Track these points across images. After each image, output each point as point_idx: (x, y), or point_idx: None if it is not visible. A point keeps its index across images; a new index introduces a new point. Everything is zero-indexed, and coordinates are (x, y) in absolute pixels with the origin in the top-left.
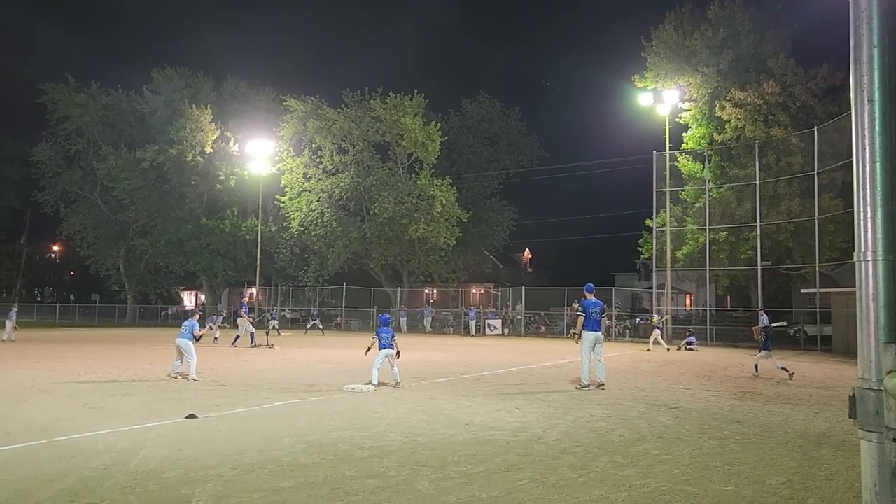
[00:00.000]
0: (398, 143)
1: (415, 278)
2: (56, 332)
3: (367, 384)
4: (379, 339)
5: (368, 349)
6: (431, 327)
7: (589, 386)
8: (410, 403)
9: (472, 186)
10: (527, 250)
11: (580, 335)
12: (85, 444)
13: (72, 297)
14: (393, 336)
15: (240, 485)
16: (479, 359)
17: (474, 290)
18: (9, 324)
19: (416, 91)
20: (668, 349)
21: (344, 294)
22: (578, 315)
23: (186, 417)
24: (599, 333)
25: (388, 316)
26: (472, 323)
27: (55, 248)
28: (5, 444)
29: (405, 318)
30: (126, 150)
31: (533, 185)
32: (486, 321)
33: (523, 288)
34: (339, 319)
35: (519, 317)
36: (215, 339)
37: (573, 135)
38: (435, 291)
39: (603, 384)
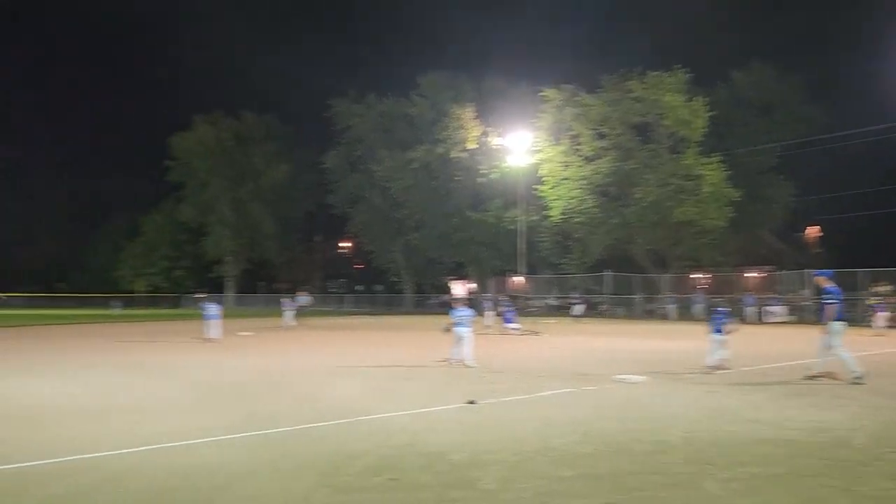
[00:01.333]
0: (660, 123)
1: (682, 263)
2: (347, 320)
3: (639, 375)
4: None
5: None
6: (703, 314)
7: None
8: (688, 396)
9: (744, 162)
10: (814, 228)
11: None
12: (382, 424)
13: (360, 287)
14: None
15: (522, 471)
16: (760, 349)
17: (750, 274)
18: (289, 313)
19: (677, 66)
20: None
21: (608, 281)
22: (831, 303)
23: (467, 403)
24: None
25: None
26: (750, 310)
27: (344, 244)
28: (318, 420)
29: (673, 306)
30: (399, 152)
31: (819, 156)
32: (766, 308)
33: (805, 271)
34: (603, 307)
35: (806, 303)
36: (487, 326)
37: (867, 95)
38: (705, 276)
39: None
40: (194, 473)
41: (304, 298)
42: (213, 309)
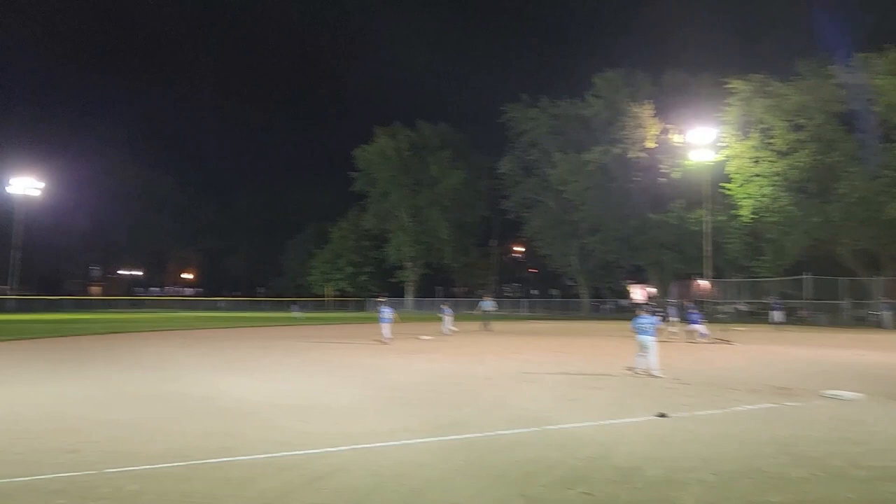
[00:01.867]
0: (869, 110)
1: None
2: (525, 325)
3: (853, 392)
4: None
5: None
6: None
7: None
8: None
9: None
10: None
11: None
12: (570, 434)
13: (535, 292)
14: None
15: (724, 492)
16: None
17: None
18: (448, 319)
19: (888, 46)
20: None
21: (807, 285)
22: None
23: (657, 415)
24: None
25: None
26: None
27: (518, 248)
28: (507, 427)
29: (889, 312)
30: (574, 154)
31: None
32: None
33: None
34: (803, 313)
35: None
36: (673, 333)
37: None
38: None
39: None
40: (390, 476)
41: (488, 303)
42: (386, 312)
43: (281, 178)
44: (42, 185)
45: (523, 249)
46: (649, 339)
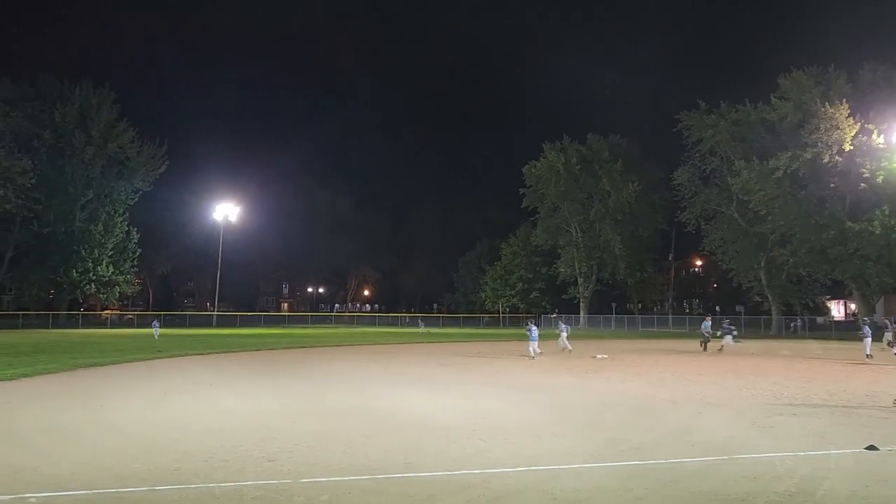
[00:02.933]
0: None
1: None
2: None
3: None
4: None
5: None
6: None
7: None
8: None
9: None
10: None
11: None
12: (763, 466)
13: (718, 308)
14: None
15: None
16: None
17: None
18: (563, 335)
19: None
20: None
21: None
22: None
23: (866, 448)
24: None
25: None
26: None
27: (698, 262)
28: (690, 455)
29: None
30: (758, 161)
31: None
32: None
33: None
34: None
35: None
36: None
37: None
38: None
39: None
40: (568, 501)
41: (707, 324)
42: (535, 331)
43: (453, 196)
44: (238, 209)
45: (703, 264)
46: None
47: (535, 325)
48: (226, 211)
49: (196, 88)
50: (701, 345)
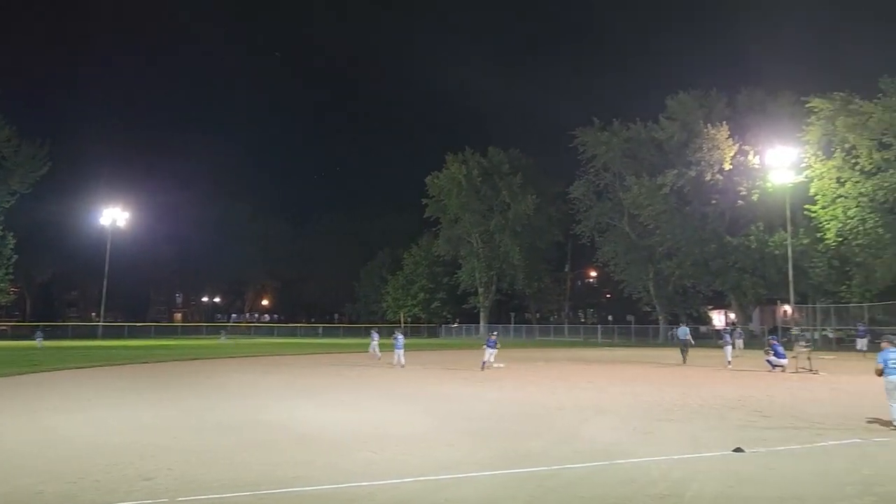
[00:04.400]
0: None
1: None
2: (599, 352)
3: None
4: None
5: None
6: None
7: None
8: None
9: None
10: None
11: None
12: (641, 469)
13: (610, 318)
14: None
15: None
16: None
17: None
18: (374, 343)
19: None
20: None
21: None
22: None
23: (733, 450)
24: None
25: None
26: None
27: (592, 273)
28: (575, 461)
29: None
30: (647, 178)
31: None
32: None
33: None
34: (885, 341)
35: None
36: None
37: None
38: None
39: None
40: None
41: (683, 330)
42: (401, 340)
43: (355, 205)
44: (127, 215)
45: (597, 274)
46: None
47: (401, 334)
48: (114, 216)
49: (85, 89)
50: (682, 355)
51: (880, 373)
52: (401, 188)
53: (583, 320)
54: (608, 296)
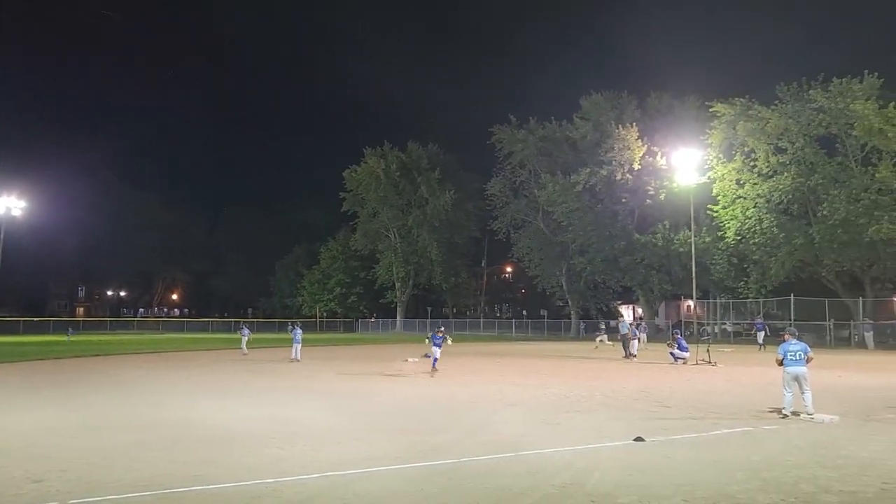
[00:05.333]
0: (847, 134)
1: (881, 286)
2: (513, 346)
3: (830, 414)
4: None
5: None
6: None
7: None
8: (887, 441)
9: None
10: None
11: None
12: (546, 460)
13: (524, 312)
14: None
15: None
16: None
17: None
18: (244, 338)
19: (866, 72)
20: None
21: (792, 306)
22: None
23: (634, 440)
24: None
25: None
26: None
27: (508, 269)
28: (483, 454)
29: (871, 333)
30: (562, 175)
31: None
32: None
33: None
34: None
35: None
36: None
37: None
38: None
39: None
40: None
41: (625, 325)
42: (299, 334)
43: (272, 199)
44: (24, 204)
45: (512, 270)
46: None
47: (299, 328)
48: (8, 204)
49: None
50: (624, 349)
51: (780, 363)
52: (318, 182)
53: (498, 315)
54: (523, 291)
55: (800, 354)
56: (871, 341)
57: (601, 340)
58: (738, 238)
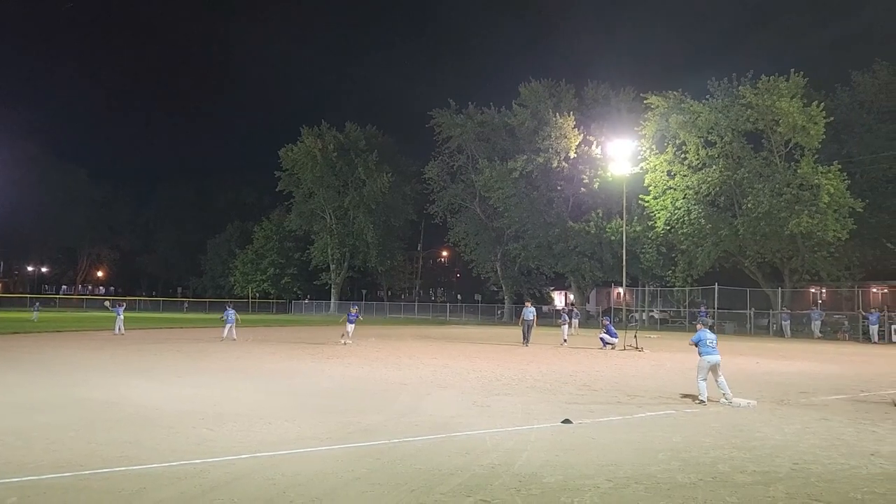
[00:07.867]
0: (773, 130)
1: (798, 277)
2: (446, 330)
3: (747, 398)
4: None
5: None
6: (821, 332)
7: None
8: (799, 424)
9: (868, 170)
10: None
11: None
12: (476, 441)
13: (459, 297)
14: None
15: (616, 498)
16: (884, 373)
17: (875, 290)
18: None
19: (793, 70)
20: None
21: (716, 295)
22: None
23: (562, 422)
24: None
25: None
26: (874, 329)
27: (444, 253)
28: (413, 434)
29: (788, 322)
30: (499, 162)
31: None
32: (894, 327)
33: None
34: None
35: None
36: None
37: None
38: (824, 291)
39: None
40: (289, 486)
41: (530, 311)
42: (231, 314)
43: (204, 175)
44: None
45: (448, 254)
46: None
47: (232, 309)
48: None
49: None
50: (524, 336)
51: (695, 346)
52: (253, 160)
53: (433, 299)
54: (458, 275)
55: (715, 342)
56: (789, 330)
57: (571, 333)
58: (668, 228)
